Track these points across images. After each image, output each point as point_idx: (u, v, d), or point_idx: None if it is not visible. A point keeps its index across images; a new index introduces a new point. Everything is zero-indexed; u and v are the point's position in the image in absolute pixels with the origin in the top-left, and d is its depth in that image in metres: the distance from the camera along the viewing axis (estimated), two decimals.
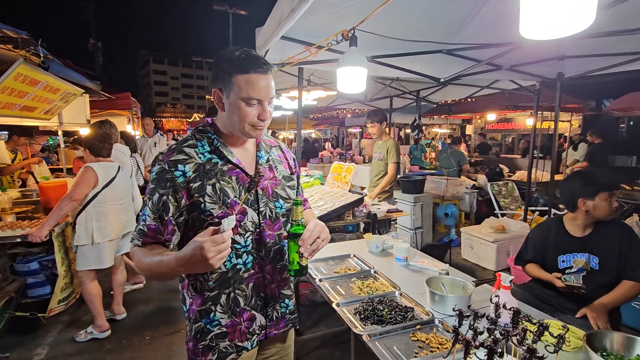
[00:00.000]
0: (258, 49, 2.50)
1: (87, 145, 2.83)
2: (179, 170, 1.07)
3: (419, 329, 1.49)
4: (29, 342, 2.82)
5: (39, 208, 3.46)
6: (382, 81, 5.29)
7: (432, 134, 14.45)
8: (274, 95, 1.11)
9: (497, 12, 2.17)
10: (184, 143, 1.13)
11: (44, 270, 3.10)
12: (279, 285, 1.24)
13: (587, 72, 3.48)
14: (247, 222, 1.14)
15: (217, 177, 1.11)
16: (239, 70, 1.05)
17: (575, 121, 8.98)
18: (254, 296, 1.19)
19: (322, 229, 1.15)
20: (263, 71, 1.06)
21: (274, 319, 1.25)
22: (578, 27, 0.84)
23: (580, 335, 1.37)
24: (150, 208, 1.07)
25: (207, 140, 1.15)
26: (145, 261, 1.03)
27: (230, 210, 1.10)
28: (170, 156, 1.09)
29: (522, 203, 5.29)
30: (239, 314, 1.17)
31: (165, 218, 1.07)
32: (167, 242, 1.09)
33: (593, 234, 1.94)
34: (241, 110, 1.07)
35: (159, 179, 1.07)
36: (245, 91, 1.05)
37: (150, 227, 1.07)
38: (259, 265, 1.18)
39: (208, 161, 1.12)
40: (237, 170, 1.14)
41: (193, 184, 1.08)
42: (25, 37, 2.63)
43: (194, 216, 1.10)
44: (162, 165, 1.08)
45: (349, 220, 3.15)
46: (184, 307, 1.21)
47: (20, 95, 3.00)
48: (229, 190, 1.11)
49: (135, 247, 1.09)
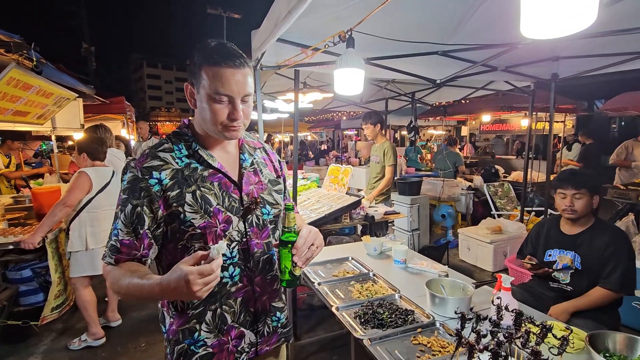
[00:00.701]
0: (254, 51, 2.49)
1: (85, 149, 2.79)
2: (154, 177, 0.97)
3: (420, 332, 1.47)
4: (21, 351, 2.76)
5: (32, 214, 3.41)
6: (378, 83, 5.30)
7: (428, 136, 14.52)
8: (251, 93, 1.00)
9: (493, 13, 2.18)
10: (158, 147, 1.03)
11: (37, 278, 3.05)
12: (270, 297, 1.15)
13: (580, 72, 3.51)
14: (233, 232, 1.04)
15: (197, 184, 1.01)
16: (208, 61, 0.94)
17: (569, 122, 9.07)
18: (243, 312, 1.09)
19: (316, 235, 1.07)
20: (235, 65, 0.95)
21: (265, 334, 1.15)
22: (580, 26, 0.83)
23: (583, 336, 1.36)
24: (122, 221, 0.97)
25: (184, 143, 1.05)
26: (123, 283, 0.92)
27: (214, 220, 1.01)
28: (144, 162, 0.99)
29: (518, 204, 5.31)
30: (226, 332, 1.07)
31: (141, 232, 0.97)
32: (143, 257, 0.99)
33: (583, 234, 1.96)
34: (209, 107, 0.96)
35: (131, 188, 0.97)
36: (214, 86, 0.94)
37: (124, 242, 0.97)
38: (247, 277, 1.08)
39: (186, 166, 1.02)
40: (219, 175, 1.05)
41: (170, 192, 0.98)
42: (17, 40, 2.60)
43: (173, 227, 1.00)
44: (134, 173, 0.98)
45: (346, 222, 3.14)
46: (162, 327, 1.11)
47: (13, 99, 2.95)
48: (210, 197, 1.01)
49: (108, 266, 0.98)
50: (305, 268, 2.25)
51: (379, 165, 4.01)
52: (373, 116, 4.00)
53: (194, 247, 1.01)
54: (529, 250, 2.21)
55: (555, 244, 2.04)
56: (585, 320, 1.78)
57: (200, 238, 1.01)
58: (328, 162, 8.99)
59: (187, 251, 1.01)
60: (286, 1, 1.69)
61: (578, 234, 1.97)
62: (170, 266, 1.00)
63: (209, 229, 1.00)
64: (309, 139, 18.77)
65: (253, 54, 2.53)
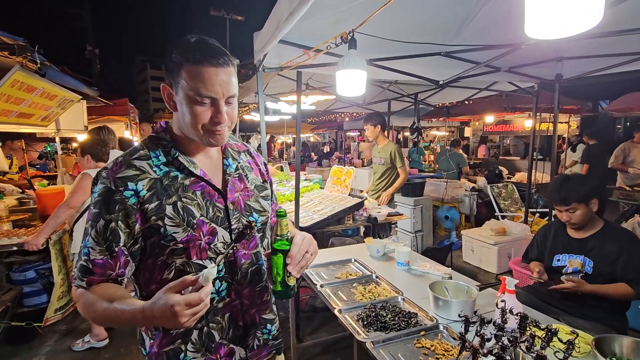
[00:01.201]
0: (256, 53, 2.49)
1: (88, 150, 2.80)
2: (129, 189, 0.88)
3: (423, 335, 1.46)
4: (25, 352, 2.77)
5: (36, 216, 3.42)
6: (380, 84, 5.29)
7: (431, 137, 14.49)
8: (235, 94, 0.92)
9: (496, 13, 2.17)
10: (133, 154, 0.93)
11: (40, 279, 3.06)
12: (259, 309, 1.07)
13: (585, 73, 3.48)
14: (218, 244, 0.96)
15: (178, 194, 0.92)
16: (188, 60, 0.86)
17: (573, 122, 9.01)
18: (232, 327, 1.02)
19: (310, 242, 1.01)
20: (219, 63, 0.87)
21: (255, 347, 1.07)
22: (585, 25, 0.82)
23: (589, 340, 1.34)
24: (94, 238, 0.88)
25: (162, 149, 0.95)
26: (99, 308, 0.82)
27: (197, 232, 0.92)
28: (118, 172, 0.89)
29: (522, 205, 5.27)
30: (214, 350, 0.99)
31: (116, 249, 0.88)
32: (119, 277, 0.90)
33: (593, 237, 1.92)
34: (190, 110, 0.88)
35: (104, 201, 0.88)
36: (195, 86, 0.86)
37: (96, 262, 0.87)
38: (235, 291, 1.01)
39: (165, 175, 0.93)
40: (202, 184, 0.97)
41: (149, 204, 0.89)
42: (22, 43, 2.61)
43: (152, 242, 0.92)
44: (106, 184, 0.88)
45: (349, 224, 3.13)
46: (142, 350, 1.02)
47: (17, 102, 2.97)
48: (193, 208, 0.93)
49: (79, 289, 0.88)
50: (308, 270, 2.23)
51: (383, 167, 4.00)
52: (374, 117, 4.00)
53: (175, 263, 0.94)
54: (534, 253, 2.18)
55: (564, 249, 2.00)
56: (592, 323, 1.76)
57: (183, 253, 0.93)
58: (331, 163, 8.98)
59: (167, 267, 0.94)
60: (288, 3, 1.69)
61: (587, 237, 1.93)
62: (148, 284, 0.96)
63: (193, 243, 0.93)
64: (312, 140, 18.79)
65: (255, 56, 2.53)
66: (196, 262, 0.94)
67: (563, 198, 1.89)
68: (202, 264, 0.94)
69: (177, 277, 0.91)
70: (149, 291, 0.96)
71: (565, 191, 1.90)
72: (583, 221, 1.90)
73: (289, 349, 2.57)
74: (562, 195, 1.90)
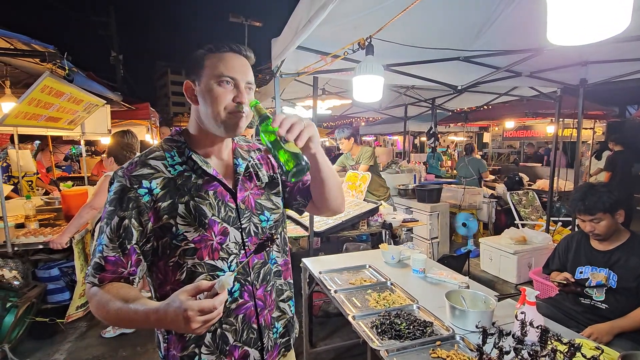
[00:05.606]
0: (274, 59, 2.52)
1: (114, 153, 2.89)
2: (143, 187, 0.91)
3: (439, 345, 1.43)
4: (47, 348, 2.87)
5: (61, 215, 3.55)
6: (397, 89, 5.27)
7: (448, 142, 14.26)
8: (253, 83, 0.96)
9: (516, 18, 2.13)
10: (149, 155, 0.96)
11: (63, 277, 3.17)
12: (270, 309, 1.07)
13: (611, 77, 3.37)
14: (230, 244, 0.97)
15: (190, 194, 0.94)
16: (210, 50, 0.94)
17: (598, 128, 8.69)
18: (246, 329, 1.01)
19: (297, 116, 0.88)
20: (240, 51, 0.95)
21: (269, 348, 1.06)
22: (611, 31, 0.79)
23: (615, 357, 1.28)
24: (108, 235, 0.89)
25: (176, 149, 0.98)
26: (112, 308, 0.83)
27: (209, 232, 0.94)
28: (133, 171, 0.92)
29: (543, 213, 5.11)
30: (229, 353, 0.99)
31: (128, 246, 0.89)
32: (131, 275, 0.91)
33: (618, 250, 1.84)
34: (213, 92, 0.91)
35: (119, 199, 0.90)
36: (217, 69, 0.91)
37: (109, 259, 0.89)
38: (248, 292, 1.00)
39: (179, 175, 0.95)
40: (215, 183, 0.98)
41: (162, 203, 0.91)
42: (52, 50, 2.75)
43: (164, 242, 0.93)
44: (122, 182, 0.91)
45: (364, 229, 3.11)
46: (159, 353, 1.04)
47: (46, 106, 3.11)
48: (205, 208, 0.95)
49: (93, 287, 0.89)
50: (322, 275, 2.22)
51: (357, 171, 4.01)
52: (346, 130, 4.12)
53: (187, 264, 0.94)
54: (555, 264, 2.12)
55: (587, 261, 1.92)
56: (620, 339, 1.68)
57: (194, 253, 0.94)
58: None
59: (179, 268, 0.95)
60: (306, 10, 1.71)
61: (612, 250, 1.86)
62: (163, 285, 0.98)
63: (204, 243, 0.94)
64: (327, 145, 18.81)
65: (273, 62, 2.56)
66: (208, 263, 0.95)
67: (587, 208, 1.82)
68: (214, 264, 0.95)
69: (188, 278, 0.94)
70: (164, 292, 0.97)
71: (590, 200, 1.82)
72: (608, 232, 1.83)
73: (302, 354, 2.57)
74: (586, 204, 1.82)
